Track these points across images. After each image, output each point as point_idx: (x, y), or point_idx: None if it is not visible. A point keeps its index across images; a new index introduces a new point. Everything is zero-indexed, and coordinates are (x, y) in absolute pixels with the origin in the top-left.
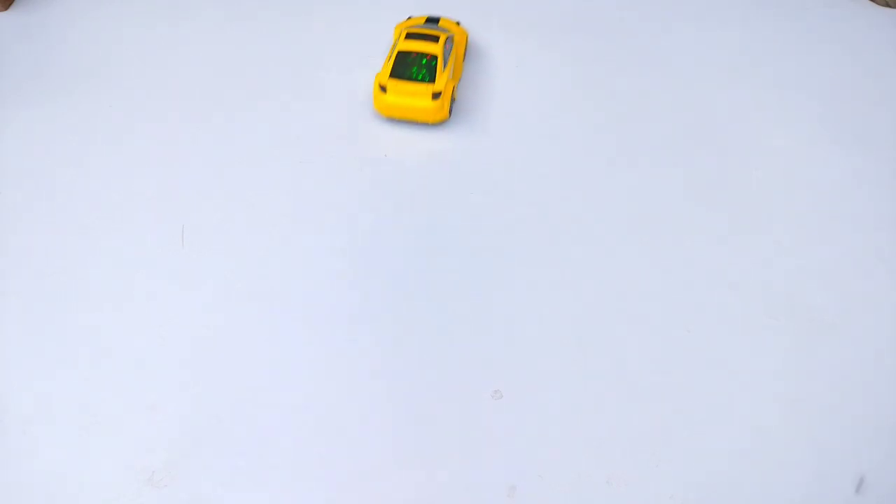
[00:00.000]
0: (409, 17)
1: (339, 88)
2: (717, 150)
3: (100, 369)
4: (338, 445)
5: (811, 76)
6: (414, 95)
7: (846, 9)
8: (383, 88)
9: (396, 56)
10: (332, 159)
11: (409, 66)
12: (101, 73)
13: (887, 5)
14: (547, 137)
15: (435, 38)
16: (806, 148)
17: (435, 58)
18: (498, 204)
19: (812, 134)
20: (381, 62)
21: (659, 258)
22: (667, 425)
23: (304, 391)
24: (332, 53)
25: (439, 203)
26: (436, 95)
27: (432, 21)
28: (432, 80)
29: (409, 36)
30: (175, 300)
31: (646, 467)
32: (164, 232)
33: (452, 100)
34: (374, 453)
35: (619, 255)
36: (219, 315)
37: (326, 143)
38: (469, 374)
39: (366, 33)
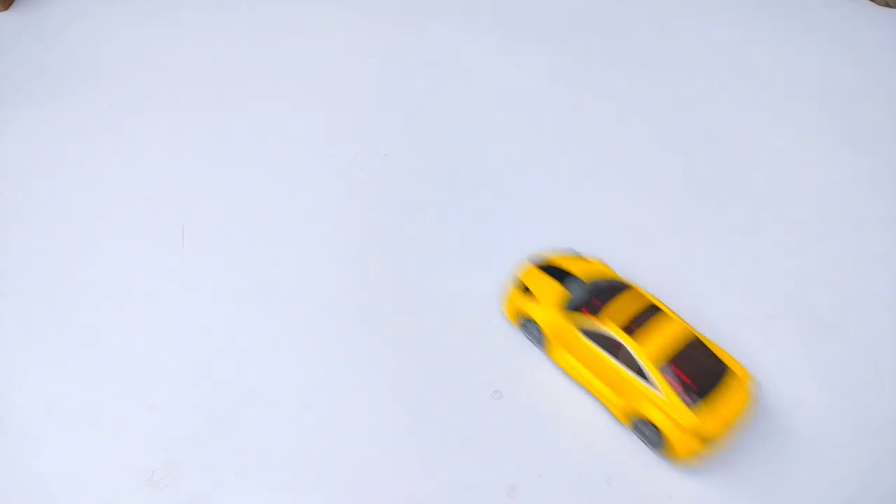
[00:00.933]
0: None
1: (338, 88)
2: (717, 150)
3: (100, 369)
4: (338, 445)
5: (811, 76)
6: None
7: (846, 9)
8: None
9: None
10: (332, 159)
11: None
12: (101, 73)
13: (887, 5)
14: (546, 137)
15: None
16: (806, 148)
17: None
18: (497, 204)
19: (812, 134)
20: None
21: (659, 258)
22: None
23: (305, 391)
24: (329, 48)
25: (439, 203)
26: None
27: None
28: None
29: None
30: (175, 300)
31: (645, 467)
32: (164, 232)
33: None
34: (374, 453)
35: (619, 256)
36: (219, 315)
37: (326, 142)
38: (469, 374)
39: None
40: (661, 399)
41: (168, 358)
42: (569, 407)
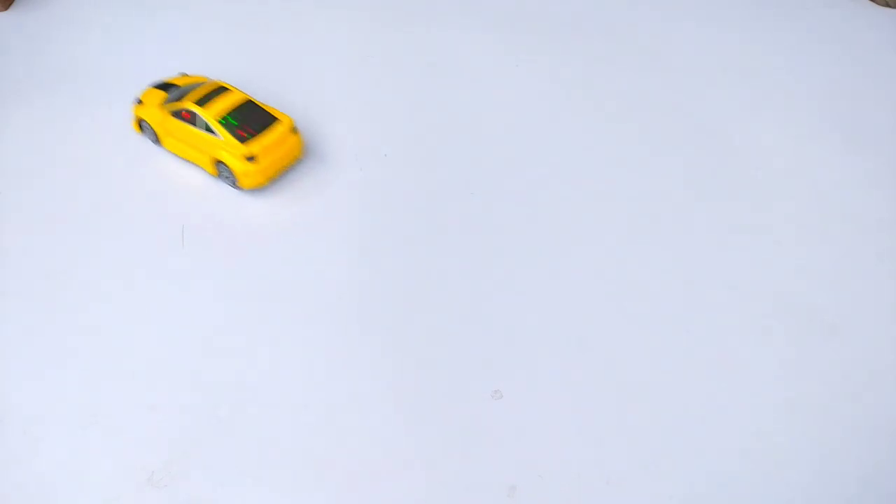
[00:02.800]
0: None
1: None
2: (717, 150)
3: (100, 369)
4: (338, 445)
5: (811, 76)
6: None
7: (846, 9)
8: (251, 159)
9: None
10: (332, 159)
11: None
12: (100, 73)
13: (887, 5)
14: (546, 137)
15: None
16: (806, 148)
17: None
18: (497, 204)
19: (812, 134)
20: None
21: (659, 258)
22: (666, 425)
23: (305, 391)
24: (329, 48)
25: (440, 203)
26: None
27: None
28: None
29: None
30: (175, 300)
31: (646, 467)
32: (164, 232)
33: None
34: (374, 453)
35: (619, 256)
36: (219, 315)
37: (326, 142)
38: (469, 374)
39: None
40: (222, 142)
41: (168, 358)
42: (569, 406)
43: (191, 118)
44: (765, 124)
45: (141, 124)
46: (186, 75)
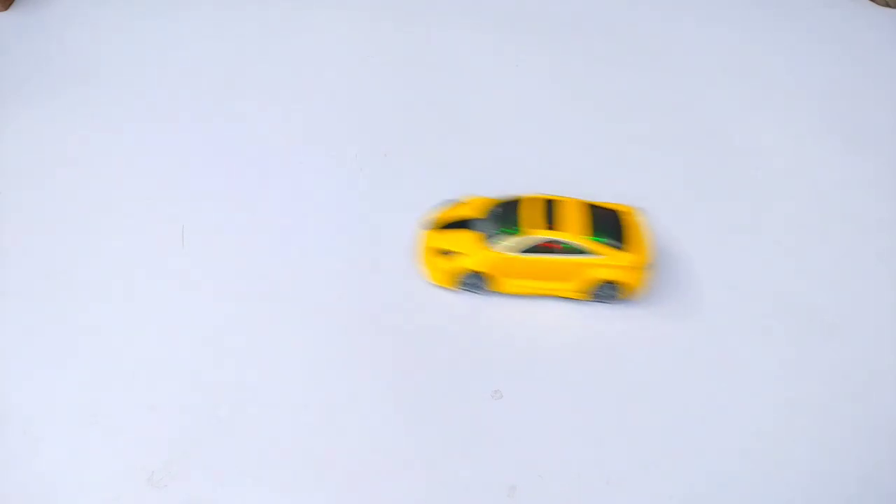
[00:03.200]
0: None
1: (339, 86)
2: (716, 150)
3: (100, 369)
4: (338, 445)
5: (811, 76)
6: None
7: (846, 9)
8: (644, 266)
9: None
10: (333, 159)
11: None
12: (100, 73)
13: (887, 5)
14: (546, 137)
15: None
16: (806, 148)
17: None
18: None
19: (812, 134)
20: None
21: (659, 258)
22: (666, 425)
23: (305, 391)
24: (329, 48)
25: (439, 202)
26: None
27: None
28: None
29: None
30: (175, 300)
31: (646, 467)
32: (164, 232)
33: None
34: (374, 453)
35: None
36: (219, 315)
37: (327, 142)
38: (469, 374)
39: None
40: (602, 259)
41: (168, 358)
42: (569, 406)
43: (547, 248)
44: (765, 124)
45: (463, 277)
46: (456, 202)
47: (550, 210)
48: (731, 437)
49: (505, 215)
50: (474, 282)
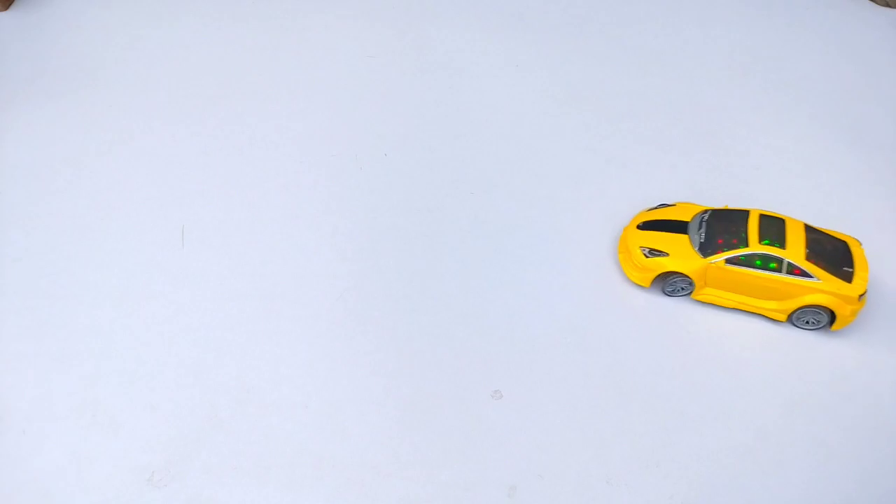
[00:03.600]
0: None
1: (330, 84)
2: (716, 150)
3: (100, 369)
4: (338, 445)
5: (811, 76)
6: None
7: (846, 9)
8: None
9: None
10: (333, 159)
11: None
12: (100, 73)
13: (887, 5)
14: (546, 137)
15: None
16: (806, 148)
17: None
18: (497, 204)
19: (812, 134)
20: None
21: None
22: (667, 425)
23: (305, 391)
24: (329, 49)
25: (440, 202)
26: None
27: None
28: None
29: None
30: (175, 300)
31: (646, 467)
32: (164, 232)
33: None
34: (374, 453)
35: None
36: (219, 315)
37: (327, 142)
38: (469, 374)
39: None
40: (820, 283)
41: (168, 358)
42: (569, 406)
43: (766, 263)
44: (765, 124)
45: (665, 279)
46: (666, 205)
47: (771, 226)
48: (731, 437)
49: (717, 224)
50: (675, 286)
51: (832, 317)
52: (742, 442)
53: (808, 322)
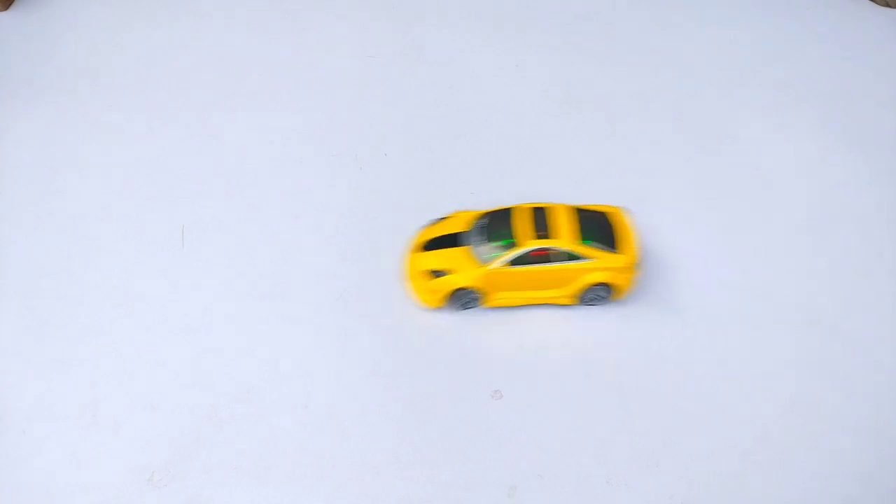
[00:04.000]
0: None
1: (338, 86)
2: (716, 150)
3: (100, 369)
4: (338, 445)
5: (811, 76)
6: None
7: (846, 9)
8: (635, 265)
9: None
10: (333, 159)
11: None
12: (100, 73)
13: (887, 5)
14: (546, 137)
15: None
16: (806, 148)
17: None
18: (497, 204)
19: (812, 134)
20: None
21: (659, 258)
22: (667, 425)
23: (305, 391)
24: (329, 48)
25: (440, 202)
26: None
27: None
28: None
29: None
30: (175, 300)
31: (646, 467)
32: (164, 232)
33: None
34: (374, 453)
35: None
36: (219, 315)
37: (326, 142)
38: (469, 374)
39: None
40: (594, 262)
41: (168, 358)
42: (569, 406)
43: (540, 257)
44: (765, 124)
45: (455, 295)
46: (438, 220)
47: (539, 218)
48: (731, 437)
49: (493, 227)
50: (467, 299)
51: (614, 290)
52: (742, 442)
53: (595, 298)
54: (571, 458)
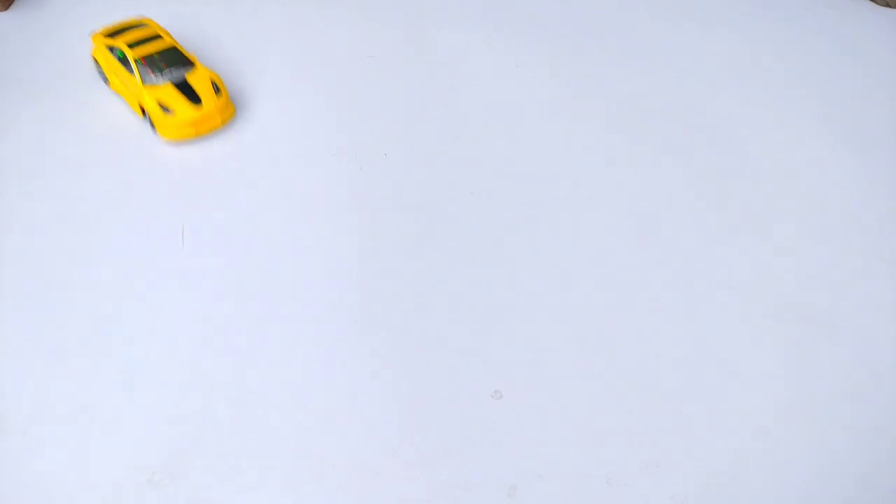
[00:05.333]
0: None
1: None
2: (717, 150)
3: (100, 369)
4: (338, 445)
5: (811, 76)
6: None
7: (846, 9)
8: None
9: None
10: (332, 159)
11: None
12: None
13: (887, 5)
14: (546, 137)
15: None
16: (806, 148)
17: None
18: (497, 204)
19: (812, 134)
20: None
21: (659, 258)
22: (667, 425)
23: (305, 391)
24: (329, 48)
25: (440, 202)
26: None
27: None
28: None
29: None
30: (175, 300)
31: (646, 467)
32: (164, 232)
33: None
34: (375, 453)
35: (620, 256)
36: (219, 315)
37: (326, 142)
38: (469, 374)
39: None
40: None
41: (168, 358)
42: (569, 406)
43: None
44: (765, 124)
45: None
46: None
47: (150, 39)
48: (731, 437)
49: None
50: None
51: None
52: (742, 442)
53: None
54: (571, 458)
